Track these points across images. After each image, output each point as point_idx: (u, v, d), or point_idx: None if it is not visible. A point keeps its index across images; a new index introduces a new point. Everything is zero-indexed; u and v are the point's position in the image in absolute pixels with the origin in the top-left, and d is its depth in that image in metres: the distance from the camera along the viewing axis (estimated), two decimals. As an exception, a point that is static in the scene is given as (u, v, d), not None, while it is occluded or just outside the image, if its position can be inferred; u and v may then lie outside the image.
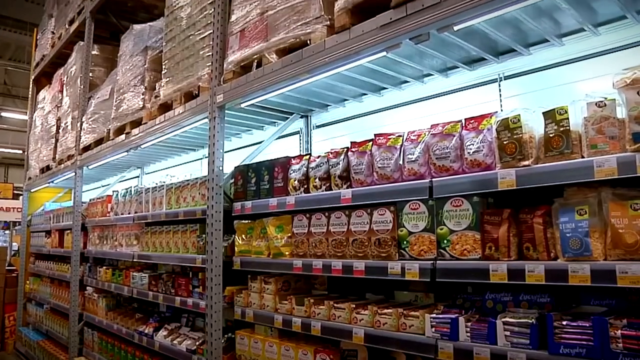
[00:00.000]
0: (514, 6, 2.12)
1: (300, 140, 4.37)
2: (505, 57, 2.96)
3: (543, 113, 2.12)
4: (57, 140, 7.28)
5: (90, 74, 6.48)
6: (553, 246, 2.01)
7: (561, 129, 2.02)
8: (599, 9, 2.43)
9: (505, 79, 3.11)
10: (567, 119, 2.02)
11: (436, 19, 2.24)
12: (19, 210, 11.57)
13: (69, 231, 6.45)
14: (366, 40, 2.51)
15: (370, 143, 2.76)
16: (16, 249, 10.75)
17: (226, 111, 3.59)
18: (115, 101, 5.20)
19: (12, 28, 17.20)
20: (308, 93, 3.59)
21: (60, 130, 7.17)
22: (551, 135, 2.05)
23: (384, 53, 2.57)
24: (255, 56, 3.12)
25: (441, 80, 3.32)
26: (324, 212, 2.91)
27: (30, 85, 9.50)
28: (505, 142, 2.16)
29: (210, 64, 3.57)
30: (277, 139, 4.22)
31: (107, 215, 5.53)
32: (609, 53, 2.65)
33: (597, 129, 1.93)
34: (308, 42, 2.80)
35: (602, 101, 1.96)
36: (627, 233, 1.79)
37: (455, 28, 2.30)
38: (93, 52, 6.58)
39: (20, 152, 20.67)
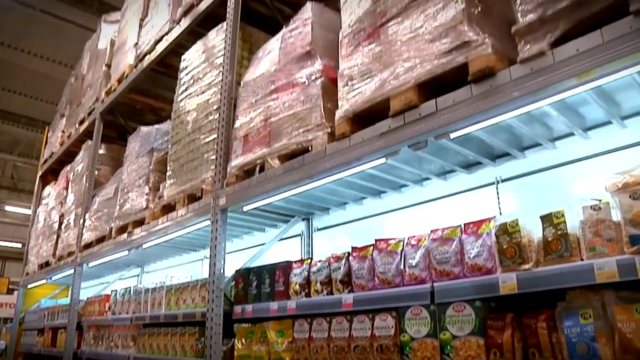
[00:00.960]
0: (506, 115, 2.22)
1: (301, 242, 4.38)
2: (501, 160, 3.04)
3: (540, 217, 2.16)
4: (58, 237, 7.29)
5: (96, 172, 6.62)
6: (559, 351, 1.97)
7: (559, 232, 2.05)
8: (586, 114, 2.54)
9: (502, 182, 3.17)
10: (564, 222, 2.05)
11: (433, 128, 2.33)
12: (12, 306, 11.35)
13: (63, 330, 6.29)
14: (366, 147, 2.60)
15: (371, 248, 2.77)
16: (3, 347, 10.37)
17: (228, 213, 3.63)
18: (119, 200, 5.27)
19: (25, 125, 17.78)
20: (309, 197, 3.65)
21: (62, 227, 7.19)
22: (550, 238, 2.07)
23: (384, 159, 2.65)
24: (258, 161, 3.22)
25: (440, 183, 3.39)
26: (326, 317, 2.86)
27: (37, 181, 9.65)
28: (504, 246, 2.17)
29: (214, 167, 3.66)
30: (278, 241, 4.23)
31: (105, 314, 5.43)
32: (601, 155, 2.73)
33: (594, 231, 1.96)
34: (310, 148, 2.90)
35: (597, 205, 2.00)
36: (635, 338, 1.76)
37: (452, 136, 2.39)
38: (100, 151, 6.75)
39: (20, 245, 20.63)
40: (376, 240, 2.79)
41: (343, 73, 2.79)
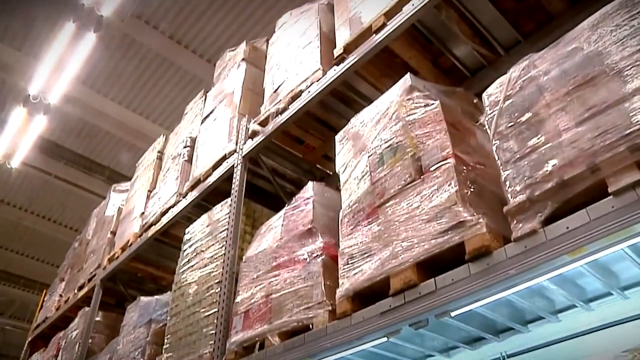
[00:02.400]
0: (505, 292, 2.25)
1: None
2: (505, 335, 3.00)
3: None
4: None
5: (90, 340, 6.44)
6: None
7: None
8: (586, 286, 2.58)
9: (508, 358, 3.10)
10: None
11: (433, 306, 2.35)
12: None
13: None
14: (367, 326, 2.59)
15: None
16: None
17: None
18: (112, 373, 5.08)
19: (22, 287, 17.60)
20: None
21: (48, 400, 6.82)
22: None
23: (385, 339, 2.63)
24: (257, 338, 3.17)
25: (444, 360, 3.31)
26: None
27: (25, 347, 9.33)
28: None
29: (212, 342, 3.59)
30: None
31: None
32: (605, 328, 2.71)
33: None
34: (310, 326, 2.88)
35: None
36: None
37: (452, 314, 2.40)
38: (96, 319, 6.63)
39: None
40: None
41: (344, 251, 2.87)
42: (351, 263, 2.76)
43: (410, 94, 2.93)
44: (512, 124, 2.35)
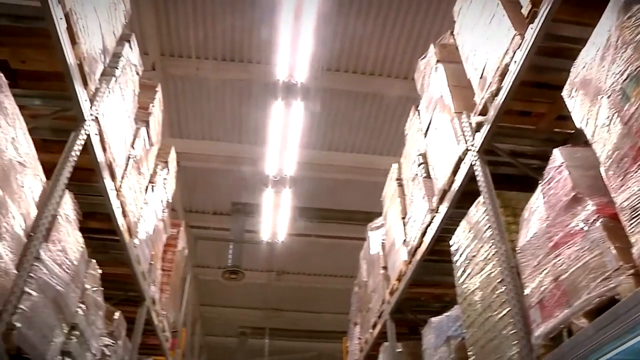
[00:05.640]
0: None
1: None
2: None
3: None
4: None
5: (396, 372, 6.74)
6: None
7: None
8: None
9: None
10: None
11: None
12: None
13: None
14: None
15: None
16: None
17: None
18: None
19: (324, 339, 19.37)
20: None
21: None
22: None
23: None
24: (561, 326, 2.96)
25: None
26: None
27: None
28: None
29: (516, 341, 3.46)
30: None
31: None
32: None
33: None
34: (616, 297, 2.60)
35: None
36: None
37: None
38: (397, 350, 6.93)
39: None
40: None
41: (623, 206, 2.55)
42: (637, 215, 2.45)
43: (629, 11, 2.55)
44: None
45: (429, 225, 5.46)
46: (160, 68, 9.65)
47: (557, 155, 3.24)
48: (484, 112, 4.31)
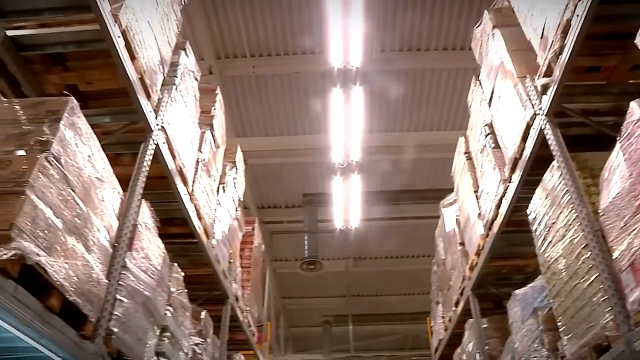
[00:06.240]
0: None
1: None
2: None
3: None
4: None
5: (486, 347, 6.60)
6: None
7: None
8: None
9: None
10: None
11: None
12: None
13: None
14: None
15: None
16: None
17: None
18: (522, 371, 5.08)
19: (408, 321, 19.28)
20: None
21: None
22: None
23: None
24: (658, 287, 2.80)
25: None
26: None
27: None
28: None
29: (609, 308, 3.30)
30: None
31: None
32: None
33: None
34: None
35: None
36: None
37: None
38: (483, 326, 6.80)
39: None
40: None
41: None
42: None
43: None
44: None
45: (503, 196, 5.29)
46: (217, 71, 9.86)
47: (635, 109, 3.04)
48: (548, 73, 4.11)
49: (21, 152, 2.78)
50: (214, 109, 6.48)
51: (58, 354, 2.95)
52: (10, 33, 3.97)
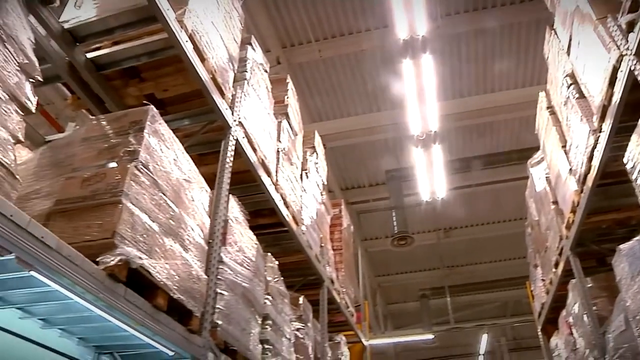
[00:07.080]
0: None
1: None
2: None
3: None
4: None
5: (594, 307, 6.32)
6: None
7: None
8: None
9: None
10: None
11: None
12: None
13: None
14: None
15: None
16: None
17: None
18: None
19: (507, 288, 18.84)
20: None
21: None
22: None
23: None
24: None
25: None
26: None
27: (540, 335, 9.75)
28: None
29: None
30: None
31: None
32: None
33: None
34: None
35: None
36: None
37: None
38: (588, 285, 6.51)
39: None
40: None
41: None
42: None
43: None
44: None
45: (594, 147, 5.00)
46: (285, 60, 9.98)
47: None
48: (633, 7, 3.80)
49: (113, 164, 2.98)
50: (287, 97, 6.57)
51: (170, 348, 3.17)
52: (89, 55, 4.21)
